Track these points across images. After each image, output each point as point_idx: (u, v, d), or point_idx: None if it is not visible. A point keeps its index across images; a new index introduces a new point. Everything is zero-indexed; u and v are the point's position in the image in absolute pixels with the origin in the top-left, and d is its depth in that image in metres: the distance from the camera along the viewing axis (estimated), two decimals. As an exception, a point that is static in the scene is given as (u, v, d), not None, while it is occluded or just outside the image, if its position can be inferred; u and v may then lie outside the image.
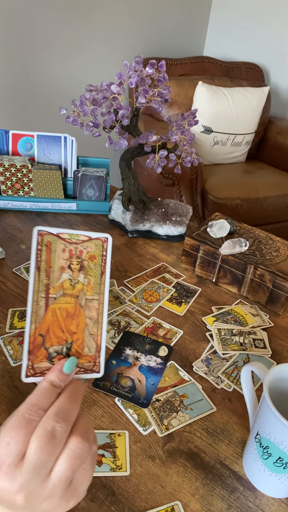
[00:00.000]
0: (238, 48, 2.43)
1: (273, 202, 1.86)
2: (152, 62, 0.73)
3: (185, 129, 0.79)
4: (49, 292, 0.33)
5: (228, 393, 0.57)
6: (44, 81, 1.92)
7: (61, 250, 0.34)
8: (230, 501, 0.45)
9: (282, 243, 0.80)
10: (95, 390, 0.55)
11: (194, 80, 2.05)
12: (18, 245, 0.84)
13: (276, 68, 2.32)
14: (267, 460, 0.43)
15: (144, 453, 0.49)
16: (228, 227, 0.79)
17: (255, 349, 0.64)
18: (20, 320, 0.65)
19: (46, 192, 0.95)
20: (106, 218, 0.98)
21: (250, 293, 0.75)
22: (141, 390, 0.56)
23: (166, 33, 2.29)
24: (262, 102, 2.02)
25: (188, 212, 0.92)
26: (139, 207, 0.91)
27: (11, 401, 0.52)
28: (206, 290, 0.77)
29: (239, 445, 0.50)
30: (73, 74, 2.01)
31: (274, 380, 0.45)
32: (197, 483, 0.46)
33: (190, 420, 0.53)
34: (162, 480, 0.46)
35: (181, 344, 0.64)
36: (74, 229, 0.92)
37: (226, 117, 1.96)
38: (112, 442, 0.49)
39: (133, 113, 0.80)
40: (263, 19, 2.26)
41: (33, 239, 0.32)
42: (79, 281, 0.34)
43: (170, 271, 0.81)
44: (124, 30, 2.10)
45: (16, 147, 0.98)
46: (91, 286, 0.35)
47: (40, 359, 0.33)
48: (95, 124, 0.78)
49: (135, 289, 0.75)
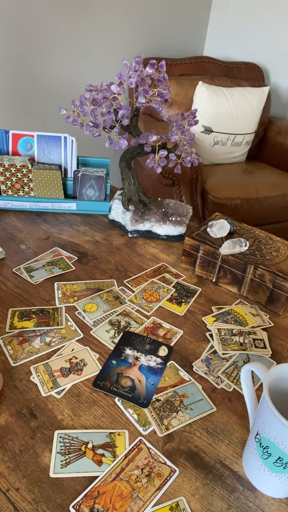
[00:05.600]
0: (238, 48, 2.43)
1: (273, 202, 1.86)
2: (152, 62, 0.73)
3: (185, 129, 0.79)
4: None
5: (228, 393, 0.57)
6: (44, 81, 1.92)
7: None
8: (230, 501, 0.45)
9: (282, 243, 0.80)
10: (95, 390, 0.55)
11: (194, 80, 2.05)
12: (18, 245, 0.84)
13: (276, 68, 2.32)
14: (267, 460, 0.43)
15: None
16: (228, 227, 0.79)
17: (255, 349, 0.64)
18: (20, 320, 0.65)
19: (46, 192, 0.95)
20: (106, 218, 0.98)
21: (250, 293, 0.75)
22: (141, 390, 0.56)
23: (166, 33, 2.29)
24: (262, 102, 2.02)
25: (188, 212, 0.92)
26: (139, 207, 0.91)
27: (11, 401, 0.53)
28: (206, 290, 0.77)
29: (239, 445, 0.50)
30: (73, 74, 2.01)
31: (274, 380, 0.45)
32: (197, 483, 0.46)
33: (190, 420, 0.53)
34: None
35: (181, 344, 0.64)
36: (74, 229, 0.92)
37: (226, 117, 1.96)
38: (112, 441, 0.49)
39: (133, 113, 0.80)
40: (263, 19, 2.26)
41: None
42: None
43: (170, 271, 0.81)
44: (124, 30, 2.10)
45: (16, 147, 0.98)
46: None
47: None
48: (95, 124, 0.78)
49: (135, 289, 0.75)
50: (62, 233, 0.90)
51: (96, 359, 0.60)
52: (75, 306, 0.69)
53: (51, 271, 0.77)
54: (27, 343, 0.61)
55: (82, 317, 0.67)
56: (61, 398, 0.54)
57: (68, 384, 0.55)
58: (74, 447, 0.48)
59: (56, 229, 0.92)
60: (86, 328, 0.65)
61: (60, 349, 0.61)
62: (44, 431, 0.49)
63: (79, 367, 0.58)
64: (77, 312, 0.68)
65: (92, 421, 0.51)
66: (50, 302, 0.70)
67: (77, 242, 0.88)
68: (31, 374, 0.56)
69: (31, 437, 0.49)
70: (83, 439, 0.49)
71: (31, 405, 0.52)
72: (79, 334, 0.64)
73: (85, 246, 0.87)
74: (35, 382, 0.55)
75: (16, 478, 0.45)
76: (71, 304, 0.70)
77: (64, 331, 0.64)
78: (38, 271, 0.77)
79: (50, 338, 0.63)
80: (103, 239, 0.90)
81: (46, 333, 0.63)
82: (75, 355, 0.60)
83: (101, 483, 0.44)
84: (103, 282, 0.76)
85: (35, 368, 0.57)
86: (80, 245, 0.87)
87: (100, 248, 0.86)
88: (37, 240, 0.87)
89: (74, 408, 0.53)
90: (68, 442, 0.48)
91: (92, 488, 0.44)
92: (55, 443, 0.48)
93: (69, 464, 0.46)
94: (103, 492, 0.44)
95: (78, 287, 0.74)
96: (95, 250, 0.85)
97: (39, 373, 0.56)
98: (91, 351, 0.61)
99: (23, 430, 0.49)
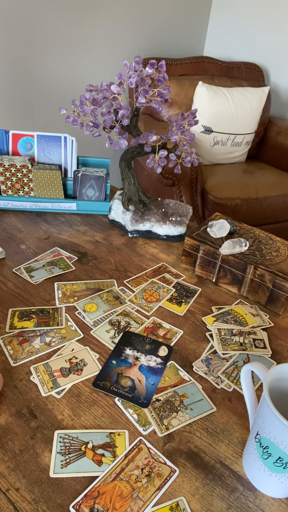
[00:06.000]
0: (238, 48, 2.43)
1: (273, 202, 1.86)
2: (152, 62, 0.73)
3: (185, 129, 0.79)
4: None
5: (228, 393, 0.57)
6: (44, 81, 1.92)
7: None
8: (230, 501, 0.45)
9: (282, 243, 0.80)
10: (95, 390, 0.55)
11: (194, 80, 2.05)
12: (18, 245, 0.84)
13: (276, 68, 2.32)
14: (267, 460, 0.43)
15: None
16: (228, 227, 0.79)
17: (255, 349, 0.64)
18: (20, 320, 0.65)
19: (46, 192, 0.95)
20: (106, 218, 0.98)
21: (250, 293, 0.75)
22: (141, 390, 0.56)
23: (166, 33, 2.29)
24: (262, 102, 2.02)
25: (188, 212, 0.92)
26: (139, 207, 0.91)
27: (11, 401, 0.53)
28: (206, 290, 0.77)
29: (239, 445, 0.50)
30: (73, 74, 2.01)
31: (274, 380, 0.45)
32: (197, 483, 0.46)
33: (190, 420, 0.53)
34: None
35: (181, 344, 0.64)
36: (74, 229, 0.92)
37: (226, 117, 1.96)
38: (112, 441, 0.49)
39: (133, 113, 0.80)
40: (263, 19, 2.26)
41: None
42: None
43: (170, 271, 0.81)
44: (124, 30, 2.10)
45: (16, 147, 0.98)
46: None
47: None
48: (95, 124, 0.78)
49: (135, 289, 0.75)
50: (62, 233, 0.90)
51: (96, 359, 0.60)
52: (75, 306, 0.69)
53: (51, 271, 0.77)
54: (27, 343, 0.61)
55: (82, 317, 0.67)
56: (61, 398, 0.54)
57: (68, 384, 0.55)
58: (74, 447, 0.48)
59: (56, 229, 0.92)
60: (86, 328, 0.65)
61: (60, 349, 0.61)
62: (44, 431, 0.49)
63: (79, 367, 0.58)
64: (77, 312, 0.68)
65: (92, 421, 0.51)
66: (50, 302, 0.70)
67: (77, 242, 0.88)
68: (31, 374, 0.57)
69: (31, 437, 0.49)
70: (83, 439, 0.49)
71: (31, 405, 0.52)
72: (79, 334, 0.64)
73: (85, 246, 0.87)
74: (35, 382, 0.55)
75: (16, 478, 0.45)
76: (71, 304, 0.70)
77: (64, 331, 0.64)
78: (38, 271, 0.77)
79: (50, 338, 0.63)
80: (103, 239, 0.90)
81: (46, 333, 0.63)
82: (75, 355, 0.60)
83: (101, 483, 0.44)
84: (103, 282, 0.76)
85: (35, 368, 0.57)
86: (80, 245, 0.87)
87: (100, 248, 0.86)
88: (37, 240, 0.87)
89: (74, 408, 0.53)
90: (68, 442, 0.48)
91: (92, 488, 0.44)
92: (55, 443, 0.48)
93: (69, 464, 0.46)
94: (103, 492, 0.44)
95: (78, 287, 0.74)
96: (95, 250, 0.85)
97: (39, 373, 0.56)
98: (91, 351, 0.61)
99: (23, 430, 0.49)
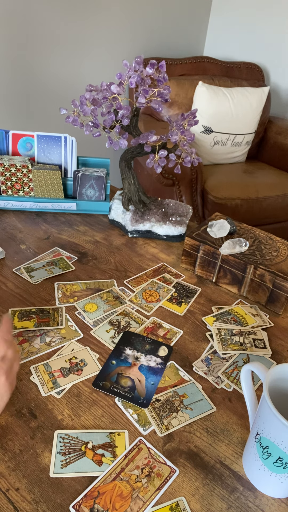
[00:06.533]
0: (238, 48, 2.43)
1: (273, 202, 1.86)
2: (152, 62, 0.73)
3: (185, 129, 0.79)
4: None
5: (228, 393, 0.57)
6: (44, 81, 1.92)
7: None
8: (230, 501, 0.45)
9: (282, 243, 0.80)
10: (95, 390, 0.55)
11: (194, 80, 2.05)
12: (18, 245, 0.84)
13: (276, 68, 2.32)
14: (267, 460, 0.43)
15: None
16: (228, 227, 0.79)
17: (255, 349, 0.64)
18: (20, 320, 0.65)
19: (46, 192, 0.95)
20: (106, 218, 0.98)
21: (250, 293, 0.75)
22: (141, 390, 0.56)
23: (166, 33, 2.29)
24: (262, 102, 2.02)
25: (188, 212, 0.92)
26: (139, 207, 0.91)
27: (11, 401, 0.53)
28: (206, 290, 0.77)
29: (239, 445, 0.50)
30: (74, 74, 2.01)
31: (274, 380, 0.45)
32: (197, 483, 0.46)
33: (190, 420, 0.53)
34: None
35: (181, 344, 0.64)
36: (74, 229, 0.92)
37: (226, 117, 1.96)
38: (112, 441, 0.49)
39: (133, 113, 0.80)
40: (263, 19, 2.26)
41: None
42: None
43: (170, 271, 0.81)
44: (124, 30, 2.10)
45: (16, 147, 0.98)
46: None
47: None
48: (95, 124, 0.78)
49: (135, 289, 0.75)
50: (62, 233, 0.90)
51: (96, 359, 0.60)
52: (75, 306, 0.69)
53: (51, 271, 0.77)
54: (27, 343, 0.61)
55: (82, 317, 0.67)
56: (61, 398, 0.54)
57: (68, 384, 0.55)
58: (74, 447, 0.48)
59: (56, 229, 0.92)
60: (86, 328, 0.65)
61: (60, 349, 0.61)
62: (44, 431, 0.49)
63: (79, 367, 0.58)
64: (77, 312, 0.68)
65: (92, 421, 0.51)
66: (50, 302, 0.70)
67: (77, 242, 0.88)
68: (31, 374, 0.56)
69: (31, 437, 0.49)
70: (83, 439, 0.49)
71: (31, 405, 0.52)
72: (79, 334, 0.64)
73: (85, 246, 0.87)
74: (35, 382, 0.55)
75: (16, 478, 0.45)
76: (71, 304, 0.70)
77: (64, 331, 0.64)
78: (38, 271, 0.77)
79: (50, 338, 0.62)
80: (103, 239, 0.90)
81: (46, 333, 0.63)
82: (75, 355, 0.60)
83: (101, 483, 0.44)
84: (103, 282, 0.76)
85: (35, 368, 0.57)
86: (80, 245, 0.87)
87: (100, 248, 0.86)
88: (37, 240, 0.87)
89: (74, 408, 0.53)
90: (68, 442, 0.48)
91: (92, 488, 0.44)
92: (55, 443, 0.48)
93: (69, 464, 0.46)
94: (103, 492, 0.44)
95: (78, 287, 0.74)
96: (95, 250, 0.85)
97: (39, 373, 0.56)
98: (91, 351, 0.61)
99: (23, 430, 0.49)
